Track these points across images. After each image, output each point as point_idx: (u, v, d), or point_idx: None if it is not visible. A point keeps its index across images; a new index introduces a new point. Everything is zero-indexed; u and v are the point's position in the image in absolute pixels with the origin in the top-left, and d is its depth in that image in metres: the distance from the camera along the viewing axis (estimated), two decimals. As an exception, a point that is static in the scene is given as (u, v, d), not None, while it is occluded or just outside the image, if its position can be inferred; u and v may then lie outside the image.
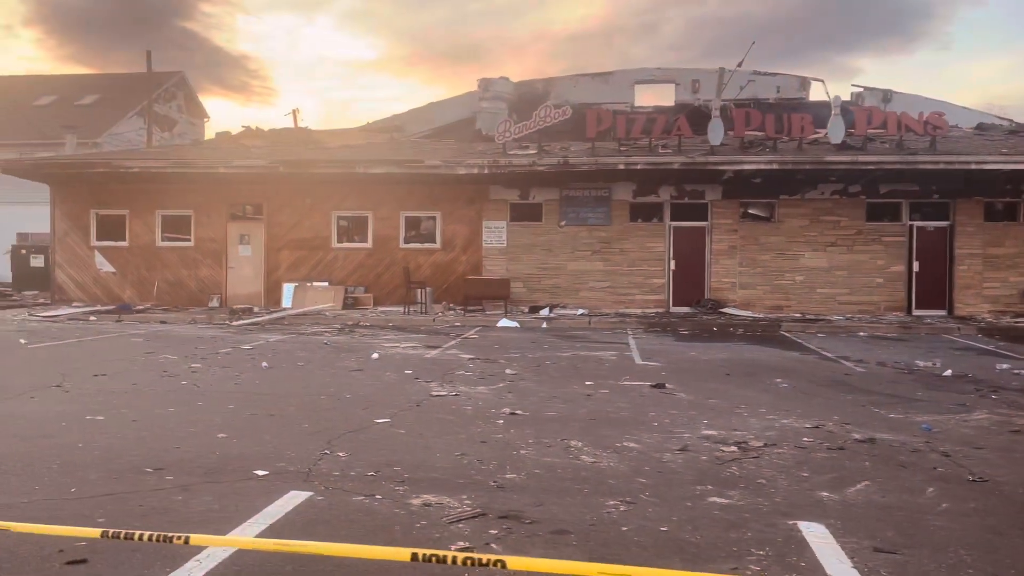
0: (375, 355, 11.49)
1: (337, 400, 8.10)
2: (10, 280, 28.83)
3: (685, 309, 19.32)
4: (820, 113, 20.78)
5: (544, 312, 18.59)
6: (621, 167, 17.95)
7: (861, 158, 17.17)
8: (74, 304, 20.85)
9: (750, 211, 19.68)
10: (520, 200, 19.99)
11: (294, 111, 28.02)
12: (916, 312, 18.73)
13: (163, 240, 21.12)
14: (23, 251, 28.06)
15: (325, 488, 5.01)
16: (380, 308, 19.76)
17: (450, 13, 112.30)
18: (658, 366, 10.93)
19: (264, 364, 10.46)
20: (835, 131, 17.84)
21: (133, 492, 4.89)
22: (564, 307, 19.38)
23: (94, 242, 21.30)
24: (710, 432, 6.77)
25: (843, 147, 17.97)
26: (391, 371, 10.16)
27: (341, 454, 5.86)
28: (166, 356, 11.24)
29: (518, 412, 7.49)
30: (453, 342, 13.63)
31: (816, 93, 27.82)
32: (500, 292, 18.63)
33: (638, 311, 19.21)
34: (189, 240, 21.00)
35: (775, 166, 17.42)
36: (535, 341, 13.91)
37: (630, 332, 15.84)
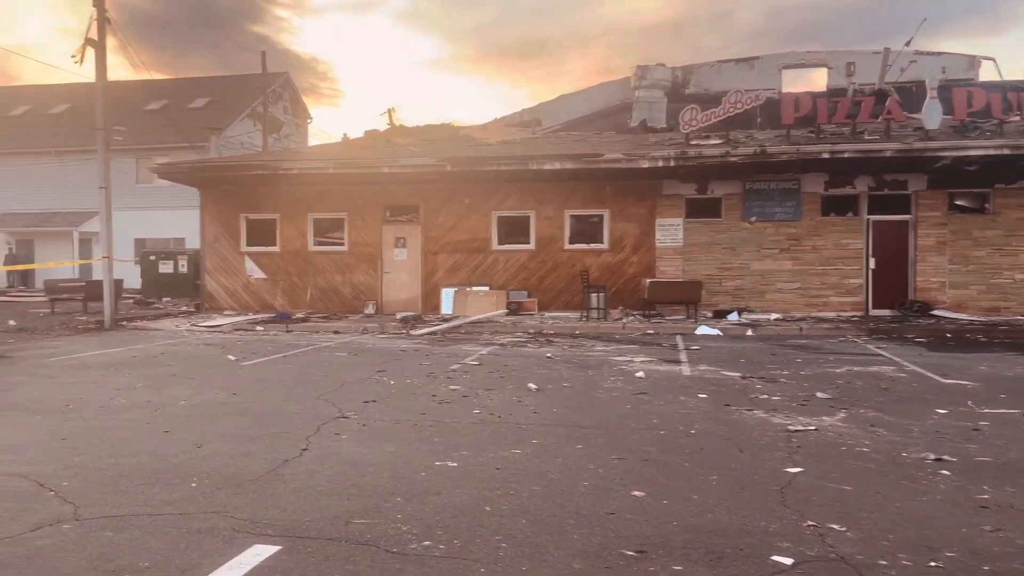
0: (639, 374, 10.17)
1: (686, 436, 6.78)
2: (138, 287, 28.55)
3: (886, 312, 17.55)
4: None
5: (732, 317, 17.04)
6: (825, 156, 16.24)
7: (1115, 140, 15.15)
8: (226, 312, 20.20)
9: (957, 202, 17.78)
10: (697, 195, 18.46)
11: (390, 110, 26.97)
12: None
13: (315, 244, 20.27)
14: (152, 257, 27.49)
15: (914, 592, 3.68)
16: (547, 313, 18.51)
17: (502, 11, 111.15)
18: (976, 386, 9.34)
19: (532, 386, 9.24)
20: (1077, 110, 15.82)
21: (669, 598, 3.63)
22: (752, 311, 17.80)
23: (244, 248, 20.59)
24: None
25: (1082, 128, 15.97)
26: (680, 395, 8.82)
27: (836, 526, 4.52)
28: (407, 378, 10.12)
29: (944, 458, 6.06)
30: (683, 355, 12.23)
31: (987, 73, 25.64)
32: (690, 295, 17.09)
33: (832, 314, 17.52)
34: (343, 244, 20.10)
35: (1006, 151, 15.49)
36: (774, 354, 12.39)
37: (859, 340, 14.20)
